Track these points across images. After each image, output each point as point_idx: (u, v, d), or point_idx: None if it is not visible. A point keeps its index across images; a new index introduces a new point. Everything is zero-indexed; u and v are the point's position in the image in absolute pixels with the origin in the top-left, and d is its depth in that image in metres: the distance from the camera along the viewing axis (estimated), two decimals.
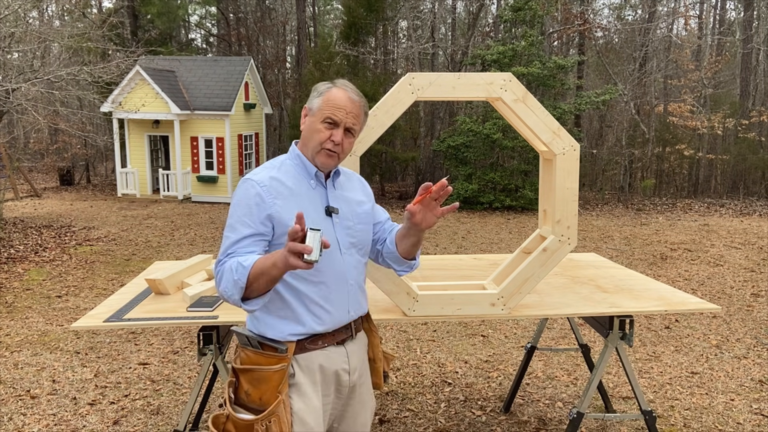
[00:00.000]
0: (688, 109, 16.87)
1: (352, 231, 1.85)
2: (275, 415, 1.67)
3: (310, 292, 1.76)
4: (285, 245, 1.46)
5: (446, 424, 3.57)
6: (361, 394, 1.93)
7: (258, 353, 1.75)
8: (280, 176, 1.78)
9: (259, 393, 1.71)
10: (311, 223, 1.74)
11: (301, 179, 1.80)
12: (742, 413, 3.73)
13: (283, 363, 1.72)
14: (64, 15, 18.00)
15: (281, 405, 1.69)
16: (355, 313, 1.87)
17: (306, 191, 1.79)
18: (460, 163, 14.73)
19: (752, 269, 7.90)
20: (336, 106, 1.75)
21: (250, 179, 1.76)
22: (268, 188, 1.73)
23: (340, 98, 1.76)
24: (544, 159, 2.76)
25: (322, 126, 1.75)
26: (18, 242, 9.25)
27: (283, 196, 1.74)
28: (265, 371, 1.71)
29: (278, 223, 1.72)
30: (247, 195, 1.73)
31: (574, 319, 3.64)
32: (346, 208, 1.85)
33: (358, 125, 1.81)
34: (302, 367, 1.77)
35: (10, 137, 18.35)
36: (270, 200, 1.72)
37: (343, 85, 1.79)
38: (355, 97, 1.79)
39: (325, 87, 1.79)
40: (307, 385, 1.77)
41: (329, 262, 1.77)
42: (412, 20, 19.28)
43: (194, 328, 5.12)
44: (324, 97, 1.77)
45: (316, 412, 1.77)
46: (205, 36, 28.34)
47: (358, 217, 1.88)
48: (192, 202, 15.30)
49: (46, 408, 3.76)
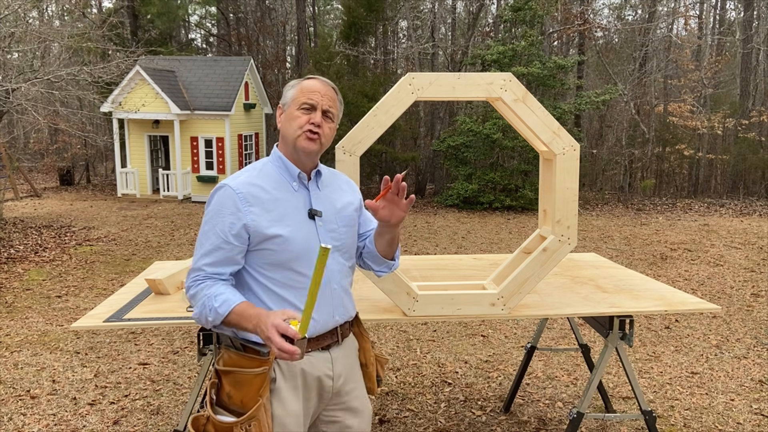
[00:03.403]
0: (688, 109, 16.87)
1: (336, 234, 1.81)
2: (255, 419, 1.64)
3: (293, 298, 1.74)
4: (270, 329, 1.49)
5: (446, 424, 3.57)
6: (348, 401, 1.88)
7: (240, 355, 1.72)
8: (259, 181, 1.75)
9: (240, 395, 1.69)
10: (294, 227, 1.73)
11: (282, 182, 1.78)
12: (742, 413, 3.73)
13: (264, 366, 1.69)
14: (64, 15, 17.99)
15: (262, 409, 1.66)
16: (341, 318, 1.84)
17: (287, 195, 1.77)
18: (460, 163, 14.73)
19: (752, 269, 7.90)
20: (310, 90, 1.76)
21: (226, 185, 1.73)
22: (244, 195, 1.71)
23: (312, 84, 1.78)
24: (544, 159, 2.76)
25: (299, 112, 1.75)
26: (18, 242, 9.25)
27: (261, 201, 1.72)
28: (247, 374, 1.69)
29: (254, 232, 1.70)
30: (221, 203, 1.71)
31: (574, 319, 3.64)
32: (330, 210, 1.83)
33: (335, 109, 1.81)
34: (284, 371, 1.74)
35: (10, 137, 18.36)
36: (245, 208, 1.69)
37: (313, 77, 1.82)
38: (328, 83, 1.81)
39: (296, 81, 1.82)
40: (287, 390, 1.74)
41: (311, 268, 1.75)
42: (412, 20, 19.28)
43: (194, 328, 5.12)
44: (296, 89, 1.79)
45: (297, 418, 1.75)
46: (205, 36, 28.34)
47: (343, 220, 1.85)
48: (192, 202, 15.30)
49: (46, 408, 3.76)
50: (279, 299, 1.74)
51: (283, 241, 1.70)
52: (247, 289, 1.77)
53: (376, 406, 3.80)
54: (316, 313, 1.75)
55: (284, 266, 1.72)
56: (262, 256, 1.72)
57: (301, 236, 1.73)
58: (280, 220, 1.72)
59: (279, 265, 1.72)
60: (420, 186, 17.01)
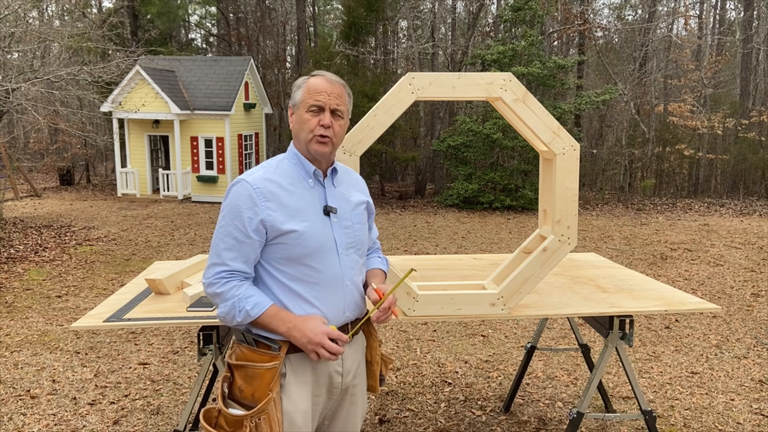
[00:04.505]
0: (688, 109, 16.87)
1: (350, 231, 1.83)
2: (265, 412, 1.67)
3: (305, 292, 1.75)
4: (321, 336, 1.68)
5: (446, 424, 3.57)
6: (353, 396, 1.92)
7: (252, 350, 1.75)
8: (275, 177, 1.77)
9: (251, 389, 1.71)
10: (309, 223, 1.75)
11: (298, 179, 1.79)
12: (742, 413, 3.73)
13: (275, 361, 1.72)
14: (64, 15, 17.99)
15: (272, 403, 1.68)
16: (352, 314, 1.85)
17: (303, 191, 1.78)
18: (460, 163, 14.73)
19: (752, 269, 7.90)
20: (316, 91, 1.76)
21: (243, 180, 1.75)
22: (261, 191, 1.72)
23: (319, 84, 1.77)
24: (544, 159, 2.76)
25: (308, 115, 1.76)
26: (18, 242, 9.25)
27: (277, 197, 1.73)
28: (258, 368, 1.72)
29: (271, 228, 1.71)
30: (239, 197, 1.72)
31: (574, 319, 3.64)
32: (345, 207, 1.85)
33: (344, 106, 1.81)
34: (294, 366, 1.76)
35: (10, 137, 18.35)
36: (262, 204, 1.71)
37: (319, 73, 1.81)
38: (334, 79, 1.80)
39: (303, 80, 1.81)
40: (297, 386, 1.76)
41: (326, 263, 1.76)
42: (412, 20, 19.28)
43: (194, 328, 5.13)
44: (303, 88, 1.79)
45: (305, 413, 1.76)
46: (205, 36, 28.34)
47: (357, 217, 1.87)
48: (192, 202, 15.30)
49: (46, 408, 3.76)
50: (291, 293, 1.75)
51: (298, 236, 1.72)
52: (259, 281, 1.79)
53: (376, 406, 3.80)
54: (323, 305, 1.78)
55: (298, 261, 1.74)
56: (277, 251, 1.74)
57: (316, 232, 1.75)
58: (296, 216, 1.73)
59: (293, 259, 1.74)
60: (420, 186, 17.01)
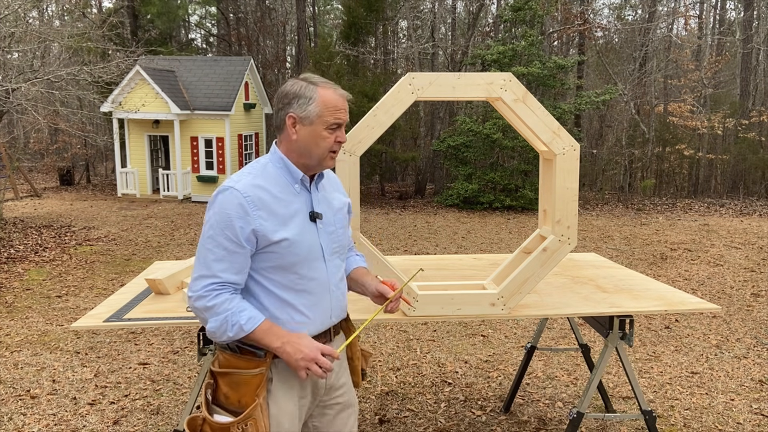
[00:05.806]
0: (688, 109, 16.86)
1: (334, 236, 1.83)
2: (252, 418, 1.65)
3: (294, 300, 1.74)
4: (315, 351, 1.67)
5: (446, 424, 3.57)
6: (338, 396, 1.92)
7: (237, 356, 1.72)
8: (263, 183, 1.72)
9: (237, 396, 1.70)
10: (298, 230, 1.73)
11: (285, 184, 1.75)
12: (742, 413, 3.73)
13: (261, 367, 1.70)
14: (64, 15, 17.99)
15: (258, 408, 1.67)
16: (337, 318, 1.86)
17: (290, 197, 1.75)
18: (460, 163, 14.73)
19: (752, 269, 7.90)
20: (336, 109, 1.74)
21: (232, 188, 1.67)
22: (252, 199, 1.67)
23: (335, 99, 1.74)
24: (544, 159, 2.76)
25: (327, 132, 1.73)
26: (18, 242, 9.25)
27: (267, 205, 1.69)
28: (244, 375, 1.70)
29: (262, 237, 1.68)
30: (229, 206, 1.66)
31: (574, 319, 3.64)
32: (329, 213, 1.84)
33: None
34: (280, 371, 1.75)
35: (10, 137, 18.36)
36: (254, 212, 1.66)
37: (324, 83, 1.75)
38: (343, 93, 1.79)
39: (309, 89, 1.72)
40: (283, 390, 1.75)
41: (314, 270, 1.75)
42: (412, 20, 19.29)
43: (194, 328, 5.12)
44: (318, 103, 1.72)
45: (291, 415, 1.77)
46: (205, 36, 28.34)
47: (340, 221, 1.87)
48: (192, 202, 15.30)
49: (46, 408, 3.76)
50: (279, 301, 1.74)
51: (289, 244, 1.70)
52: (245, 291, 1.76)
53: (376, 406, 3.80)
54: (312, 312, 1.77)
55: (287, 269, 1.72)
56: (267, 259, 1.71)
57: (304, 239, 1.73)
58: (285, 224, 1.71)
59: (282, 268, 1.72)
60: (420, 186, 17.01)
